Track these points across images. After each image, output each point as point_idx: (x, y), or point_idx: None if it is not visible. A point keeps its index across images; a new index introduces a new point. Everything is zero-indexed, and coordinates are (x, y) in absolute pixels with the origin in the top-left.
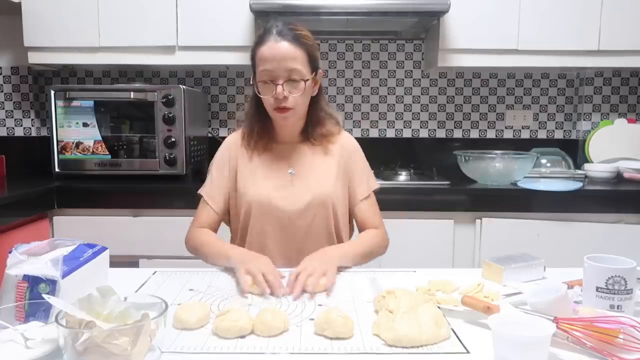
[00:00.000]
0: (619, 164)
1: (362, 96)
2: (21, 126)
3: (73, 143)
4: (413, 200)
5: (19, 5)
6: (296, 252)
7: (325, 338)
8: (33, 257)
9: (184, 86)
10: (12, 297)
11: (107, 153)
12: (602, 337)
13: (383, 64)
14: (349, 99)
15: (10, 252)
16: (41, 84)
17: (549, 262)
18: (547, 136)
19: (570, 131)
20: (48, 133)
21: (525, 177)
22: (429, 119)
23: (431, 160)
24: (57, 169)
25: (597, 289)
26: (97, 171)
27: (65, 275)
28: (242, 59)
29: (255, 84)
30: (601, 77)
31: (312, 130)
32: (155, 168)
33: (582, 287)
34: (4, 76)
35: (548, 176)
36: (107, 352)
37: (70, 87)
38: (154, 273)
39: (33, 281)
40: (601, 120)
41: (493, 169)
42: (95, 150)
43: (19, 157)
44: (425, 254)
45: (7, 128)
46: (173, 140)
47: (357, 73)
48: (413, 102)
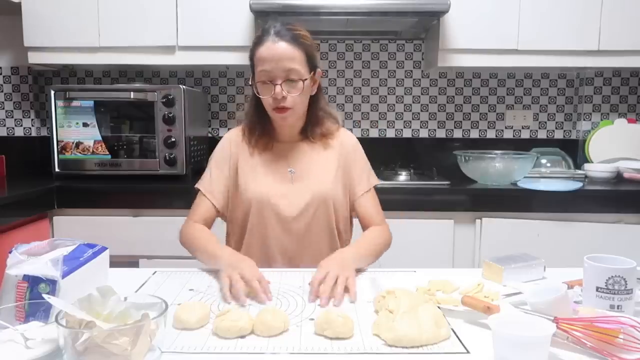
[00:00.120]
0: (619, 164)
1: (362, 96)
2: (21, 126)
3: (73, 143)
4: (413, 200)
5: (19, 5)
6: (297, 251)
7: (325, 338)
8: (33, 257)
9: (184, 86)
10: (12, 297)
11: (107, 153)
12: (602, 337)
13: (383, 64)
14: (349, 99)
15: (10, 252)
16: (41, 84)
17: (549, 262)
18: (547, 136)
19: (570, 131)
20: (48, 133)
21: (525, 177)
22: (429, 119)
23: (431, 160)
24: (57, 169)
25: (597, 289)
26: (97, 171)
27: (65, 275)
28: (242, 59)
29: (254, 85)
30: (601, 77)
31: (311, 129)
32: (155, 168)
33: (582, 287)
34: (4, 76)
35: (548, 176)
36: (107, 352)
37: (70, 87)
38: (154, 273)
39: (33, 281)
40: (601, 120)
41: (493, 169)
42: (95, 150)
43: (19, 157)
44: (425, 254)
45: (7, 128)
46: (173, 140)
47: (357, 73)
48: (413, 102)
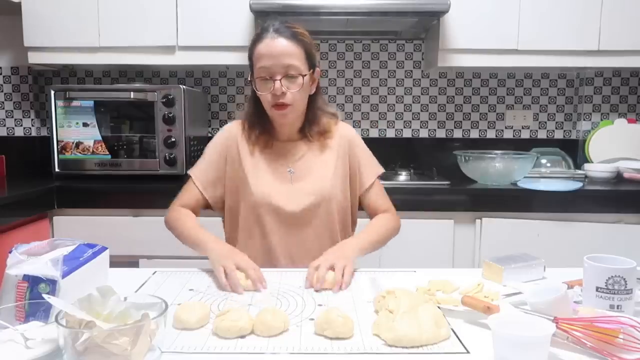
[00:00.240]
0: (619, 164)
1: (362, 96)
2: (21, 126)
3: (73, 143)
4: (413, 200)
5: (19, 5)
6: (300, 251)
7: (325, 338)
8: (33, 257)
9: (184, 86)
10: (12, 297)
11: (107, 153)
12: (602, 337)
13: (383, 64)
14: (349, 99)
15: (10, 252)
16: (41, 84)
17: (549, 262)
18: (547, 136)
19: (570, 131)
20: (48, 133)
21: (525, 177)
22: (429, 119)
23: (431, 160)
24: (57, 169)
25: (597, 289)
26: (97, 171)
27: (65, 275)
28: (242, 59)
29: (253, 81)
30: (601, 77)
31: (309, 128)
32: (155, 168)
33: (582, 287)
34: (4, 76)
35: (548, 176)
36: (107, 352)
37: (70, 87)
38: (154, 273)
39: (33, 281)
40: (601, 120)
41: (493, 169)
42: (95, 150)
43: (19, 157)
44: (425, 254)
45: (7, 128)
46: (173, 140)
47: (357, 73)
48: (413, 102)
